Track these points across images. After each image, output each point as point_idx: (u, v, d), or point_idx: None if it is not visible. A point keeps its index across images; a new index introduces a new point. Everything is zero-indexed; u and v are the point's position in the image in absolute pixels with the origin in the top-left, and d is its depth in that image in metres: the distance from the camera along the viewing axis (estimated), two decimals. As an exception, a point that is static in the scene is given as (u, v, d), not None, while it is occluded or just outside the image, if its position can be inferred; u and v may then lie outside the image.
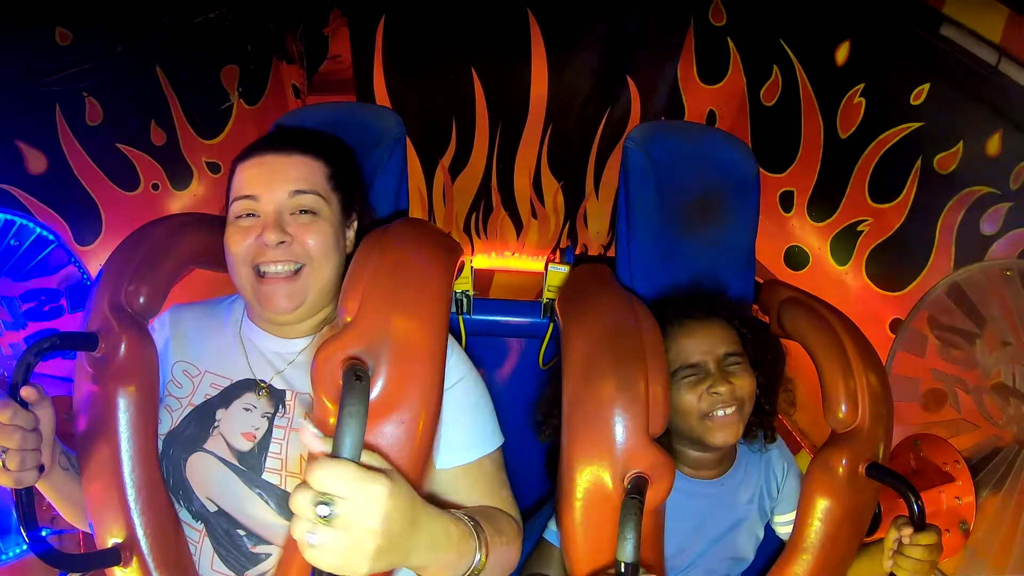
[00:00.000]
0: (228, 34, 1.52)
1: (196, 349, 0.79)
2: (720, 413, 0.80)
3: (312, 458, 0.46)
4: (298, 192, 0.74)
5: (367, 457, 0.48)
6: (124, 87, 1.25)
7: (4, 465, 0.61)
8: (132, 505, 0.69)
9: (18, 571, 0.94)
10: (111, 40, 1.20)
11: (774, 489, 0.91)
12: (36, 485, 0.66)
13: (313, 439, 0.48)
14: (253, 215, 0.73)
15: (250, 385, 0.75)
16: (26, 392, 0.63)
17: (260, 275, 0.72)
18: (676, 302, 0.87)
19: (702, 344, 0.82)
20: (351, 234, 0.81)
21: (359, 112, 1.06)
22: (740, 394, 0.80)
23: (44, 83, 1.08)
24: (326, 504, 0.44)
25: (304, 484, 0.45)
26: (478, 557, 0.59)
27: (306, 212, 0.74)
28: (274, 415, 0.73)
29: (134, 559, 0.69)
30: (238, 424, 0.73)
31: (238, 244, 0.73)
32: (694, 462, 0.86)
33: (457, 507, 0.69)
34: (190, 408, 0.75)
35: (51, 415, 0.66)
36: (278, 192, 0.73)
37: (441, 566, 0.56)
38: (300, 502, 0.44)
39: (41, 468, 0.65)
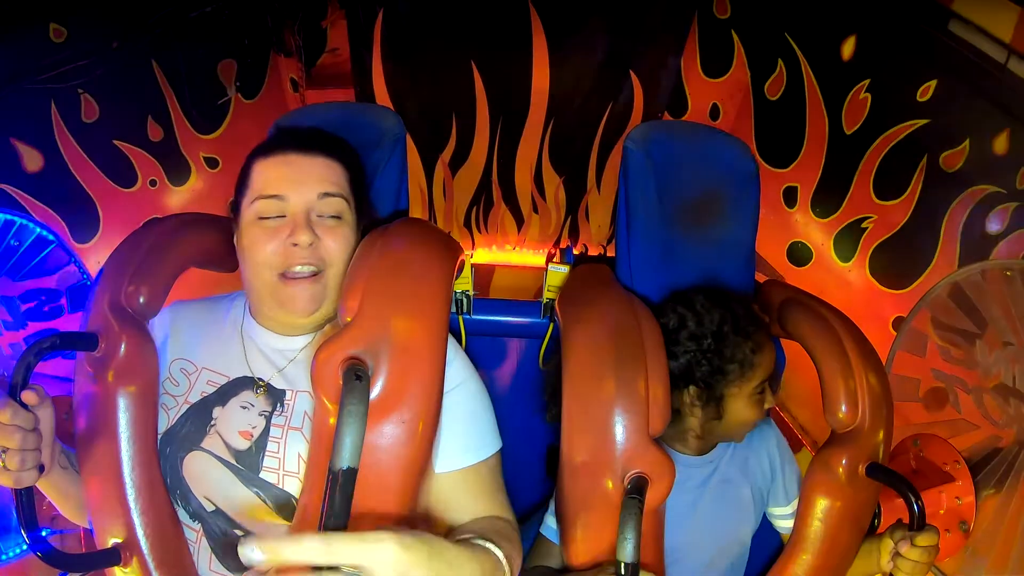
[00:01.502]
0: (225, 28, 1.50)
1: (193, 346, 0.78)
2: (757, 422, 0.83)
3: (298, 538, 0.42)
4: (327, 195, 0.73)
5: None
6: (120, 83, 1.24)
7: (4, 465, 0.61)
8: (132, 505, 0.69)
9: (18, 571, 0.95)
10: (106, 36, 1.19)
11: (766, 466, 0.91)
12: (37, 484, 0.66)
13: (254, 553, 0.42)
14: (280, 215, 0.72)
15: (248, 383, 0.75)
16: (27, 396, 0.63)
17: (283, 276, 0.72)
18: (761, 314, 0.87)
19: (770, 363, 0.83)
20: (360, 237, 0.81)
21: (359, 112, 1.05)
22: None
23: (39, 81, 1.07)
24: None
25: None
26: None
27: (333, 216, 0.73)
28: (272, 413, 0.73)
29: (134, 559, 0.69)
30: (235, 422, 0.73)
31: (264, 246, 0.71)
32: (688, 443, 0.87)
33: (453, 511, 0.70)
34: (186, 406, 0.75)
35: (51, 415, 0.66)
36: (307, 193, 0.72)
37: None
38: None
39: (41, 468, 0.65)
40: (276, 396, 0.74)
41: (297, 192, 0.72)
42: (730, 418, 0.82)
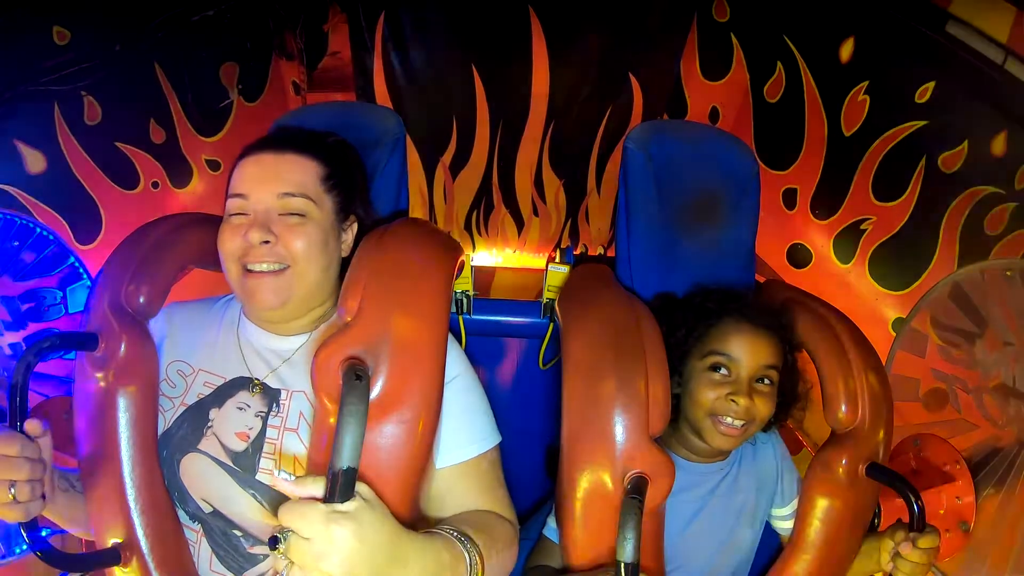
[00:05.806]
0: (227, 31, 1.51)
1: (189, 347, 0.78)
2: (728, 421, 0.79)
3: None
4: (286, 194, 0.73)
5: (360, 487, 0.50)
6: (123, 86, 1.25)
7: (14, 498, 0.60)
8: (132, 505, 0.69)
9: (18, 571, 0.95)
10: (109, 39, 1.20)
11: (774, 474, 0.90)
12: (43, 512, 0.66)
13: (288, 486, 0.50)
14: (244, 213, 0.74)
15: (244, 383, 0.75)
16: (30, 426, 0.63)
17: (247, 271, 0.73)
18: (741, 302, 0.85)
19: (749, 349, 0.80)
20: (348, 236, 0.80)
21: (359, 112, 1.06)
22: (754, 414, 0.80)
23: (42, 82, 1.07)
24: (278, 537, 0.46)
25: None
26: None
27: (294, 214, 0.74)
28: (268, 414, 0.73)
29: (134, 559, 0.69)
30: (232, 424, 0.73)
31: (228, 242, 0.73)
32: (691, 446, 0.86)
33: (450, 507, 0.69)
34: (183, 408, 0.75)
35: (49, 442, 0.66)
36: (267, 192, 0.73)
37: None
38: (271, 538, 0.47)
39: (43, 497, 0.64)
40: (271, 396, 0.74)
41: (259, 191, 0.73)
42: (688, 397, 0.81)
